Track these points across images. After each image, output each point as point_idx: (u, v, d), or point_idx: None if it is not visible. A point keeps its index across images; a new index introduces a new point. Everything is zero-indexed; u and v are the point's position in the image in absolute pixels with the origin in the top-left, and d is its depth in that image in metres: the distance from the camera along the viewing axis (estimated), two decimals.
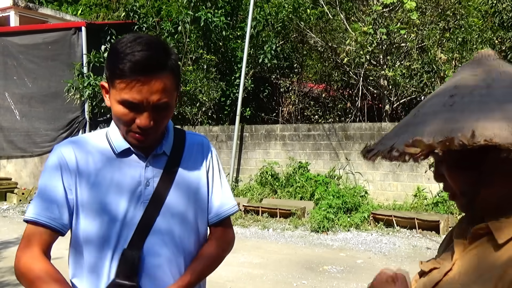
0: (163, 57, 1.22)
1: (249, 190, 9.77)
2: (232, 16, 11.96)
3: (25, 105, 12.03)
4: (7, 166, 12.37)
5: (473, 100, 0.84)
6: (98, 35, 11.73)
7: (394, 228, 7.60)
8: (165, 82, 1.22)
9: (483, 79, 0.87)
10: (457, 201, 0.95)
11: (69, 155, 1.32)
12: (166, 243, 1.32)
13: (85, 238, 1.29)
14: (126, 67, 1.17)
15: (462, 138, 0.77)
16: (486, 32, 8.44)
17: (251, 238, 7.33)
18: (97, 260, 1.29)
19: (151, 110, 1.22)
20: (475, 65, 0.93)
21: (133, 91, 1.19)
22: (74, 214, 1.30)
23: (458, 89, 0.88)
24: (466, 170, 0.89)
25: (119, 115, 1.23)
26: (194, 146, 1.45)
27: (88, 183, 1.30)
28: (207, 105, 11.07)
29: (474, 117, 0.80)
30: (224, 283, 5.04)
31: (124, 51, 1.19)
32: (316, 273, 5.48)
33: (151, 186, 1.33)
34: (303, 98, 11.76)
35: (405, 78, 9.03)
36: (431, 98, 0.92)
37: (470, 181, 0.89)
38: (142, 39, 1.21)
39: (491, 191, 0.88)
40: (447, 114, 0.83)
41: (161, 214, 1.32)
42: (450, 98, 0.86)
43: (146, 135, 1.27)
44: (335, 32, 10.68)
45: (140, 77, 1.18)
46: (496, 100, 0.82)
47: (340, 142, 9.40)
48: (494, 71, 0.89)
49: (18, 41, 12.03)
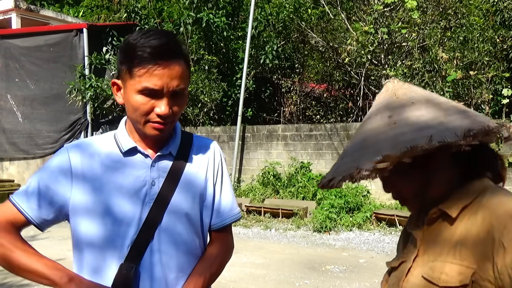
0: (178, 44, 1.27)
1: (251, 190, 9.78)
2: (233, 17, 11.97)
3: (27, 107, 12.06)
4: (10, 168, 12.41)
5: (409, 118, 0.99)
6: (99, 36, 11.76)
7: (397, 228, 7.59)
8: (182, 68, 1.26)
9: (405, 98, 1.04)
10: (409, 204, 1.09)
11: (75, 159, 1.33)
12: (170, 243, 1.33)
13: (89, 241, 1.30)
14: (145, 53, 1.20)
15: (424, 144, 0.91)
16: (487, 31, 8.43)
17: (253, 239, 7.34)
18: (101, 261, 1.29)
19: (170, 97, 1.25)
20: (386, 98, 1.08)
21: (154, 76, 1.21)
22: (76, 217, 1.31)
23: (392, 111, 1.03)
24: (414, 174, 1.03)
25: (138, 105, 1.25)
26: (202, 149, 1.46)
27: (92, 186, 1.31)
28: (209, 106, 11.08)
29: (418, 126, 0.95)
30: (226, 284, 5.04)
31: (140, 41, 1.22)
32: (318, 273, 5.48)
33: (157, 186, 1.34)
34: (305, 98, 11.76)
35: (406, 77, 9.01)
36: (367, 127, 1.05)
37: (420, 181, 1.03)
38: (155, 31, 1.26)
39: (439, 182, 1.03)
40: (396, 131, 0.97)
41: (166, 214, 1.33)
42: (390, 119, 1.01)
43: (165, 123, 1.28)
44: (336, 32, 10.68)
45: (161, 61, 1.21)
46: (434, 117, 0.98)
47: (342, 142, 9.39)
48: (406, 92, 1.06)
49: (20, 43, 12.06)
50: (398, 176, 1.03)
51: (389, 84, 1.10)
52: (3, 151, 12.31)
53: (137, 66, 1.21)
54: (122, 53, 1.27)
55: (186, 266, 1.36)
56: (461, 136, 0.92)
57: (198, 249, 1.41)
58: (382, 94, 1.10)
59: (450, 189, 1.04)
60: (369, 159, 0.95)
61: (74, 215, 1.32)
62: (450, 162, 1.03)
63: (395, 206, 8.47)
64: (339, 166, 1.04)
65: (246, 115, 11.18)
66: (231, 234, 1.52)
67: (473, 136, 0.92)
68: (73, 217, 1.32)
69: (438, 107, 1.00)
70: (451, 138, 0.91)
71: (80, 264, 1.33)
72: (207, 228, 1.45)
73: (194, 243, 1.39)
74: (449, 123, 0.95)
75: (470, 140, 0.91)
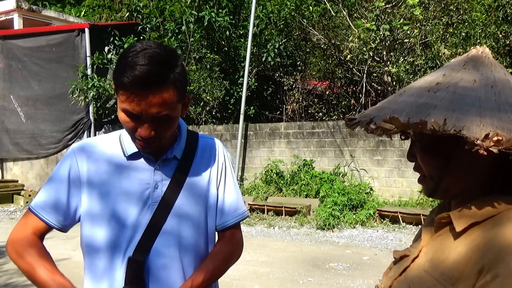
0: (165, 72, 1.22)
1: (254, 188, 9.79)
2: (234, 15, 11.96)
3: (30, 107, 12.09)
4: (14, 168, 12.45)
5: (456, 91, 0.88)
6: (101, 36, 11.77)
7: (400, 225, 7.59)
8: (164, 96, 1.21)
9: (475, 76, 0.91)
10: (424, 184, 1.00)
11: (82, 165, 1.37)
12: (175, 246, 1.34)
13: (96, 245, 1.32)
14: (126, 81, 1.19)
15: (434, 124, 0.81)
16: (489, 27, 8.40)
17: (257, 237, 7.35)
18: (108, 266, 1.31)
19: (152, 121, 1.24)
20: (469, 61, 0.96)
21: (133, 103, 1.21)
22: (85, 222, 1.35)
23: (446, 77, 0.92)
24: (436, 156, 0.94)
25: (123, 122, 1.27)
26: (206, 149, 1.47)
27: (98, 192, 1.34)
28: (211, 104, 11.08)
29: (451, 107, 0.84)
30: (230, 282, 5.06)
31: (128, 63, 1.20)
32: (322, 270, 5.49)
33: (160, 189, 1.35)
34: (307, 95, 11.75)
35: (408, 74, 9.00)
36: (421, 81, 0.96)
37: (438, 167, 0.94)
38: (147, 52, 1.21)
39: (454, 180, 0.93)
40: (428, 99, 0.87)
41: (170, 217, 1.34)
42: (436, 85, 0.90)
43: (149, 144, 1.28)
44: (338, 29, 10.66)
45: (138, 91, 1.19)
46: (478, 98, 0.86)
47: (345, 139, 9.39)
48: (487, 72, 0.92)
49: (22, 44, 12.08)
50: (423, 149, 0.96)
51: (489, 53, 0.96)
52: (6, 151, 12.35)
53: (120, 89, 1.22)
54: (115, 68, 1.28)
55: (190, 269, 1.37)
56: (480, 137, 0.79)
57: (203, 251, 1.42)
58: (473, 53, 0.97)
59: (468, 197, 0.92)
60: (385, 115, 0.89)
61: (84, 220, 1.35)
62: (483, 165, 0.90)
63: (398, 203, 8.47)
64: (370, 109, 0.98)
65: (249, 113, 11.18)
66: (239, 232, 1.52)
67: (496, 142, 0.78)
68: (83, 222, 1.36)
69: (497, 97, 0.86)
70: (468, 132, 0.79)
71: (90, 269, 1.36)
72: (213, 230, 1.46)
73: (198, 245, 1.40)
74: (482, 117, 0.82)
75: (490, 145, 0.78)
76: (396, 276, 1.02)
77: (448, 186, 0.95)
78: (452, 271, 0.86)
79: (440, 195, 0.97)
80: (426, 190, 1.00)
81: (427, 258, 0.95)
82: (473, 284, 0.81)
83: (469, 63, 0.95)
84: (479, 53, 0.97)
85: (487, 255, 0.81)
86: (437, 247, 0.94)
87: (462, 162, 0.91)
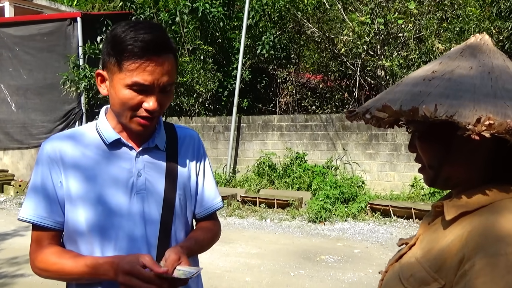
0: (168, 38, 1.23)
1: (247, 181, 9.79)
2: (229, 6, 11.88)
3: (21, 96, 11.97)
4: (4, 158, 12.34)
5: (451, 78, 0.87)
6: (93, 26, 11.64)
7: (391, 218, 7.63)
8: (172, 63, 1.23)
9: (472, 63, 0.90)
10: (424, 174, 1.00)
11: (61, 149, 1.31)
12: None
13: (82, 230, 1.28)
14: (136, 47, 1.16)
15: (426, 110, 0.81)
16: (483, 22, 8.42)
17: (248, 229, 7.36)
18: (94, 251, 1.28)
19: (159, 92, 1.23)
20: (467, 49, 0.96)
21: (146, 72, 1.18)
22: (68, 207, 1.29)
23: (442, 65, 0.92)
24: (434, 144, 0.94)
25: (126, 99, 1.22)
26: (185, 139, 1.46)
27: (83, 177, 1.29)
28: (204, 96, 11.04)
29: (445, 93, 0.84)
30: (221, 273, 5.06)
31: (129, 33, 1.18)
32: (313, 263, 5.51)
33: (143, 177, 1.33)
34: (301, 88, 11.75)
35: (402, 68, 9.02)
36: (419, 70, 0.97)
37: (437, 156, 0.94)
38: (144, 23, 1.22)
39: (454, 169, 0.93)
40: (423, 88, 0.87)
41: (156, 205, 1.33)
42: (432, 74, 0.90)
43: (151, 120, 1.26)
44: (332, 22, 10.64)
45: (153, 57, 1.18)
46: (473, 85, 0.85)
47: (338, 132, 9.40)
48: (485, 59, 0.92)
49: (13, 32, 11.93)
50: (420, 138, 0.96)
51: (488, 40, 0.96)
52: None
53: (128, 60, 1.17)
54: (110, 45, 1.23)
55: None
56: (472, 121, 0.78)
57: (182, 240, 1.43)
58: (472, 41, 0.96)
59: (473, 181, 0.92)
60: (379, 104, 0.90)
61: (66, 204, 1.30)
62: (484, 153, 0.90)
63: (390, 197, 8.51)
64: (369, 100, 0.99)
65: (242, 105, 11.15)
66: (217, 220, 1.56)
67: (488, 127, 0.77)
68: (66, 207, 1.30)
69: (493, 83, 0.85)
70: (460, 118, 0.79)
71: None
72: (192, 217, 1.48)
73: (181, 233, 1.40)
74: (476, 103, 0.81)
75: (481, 130, 0.78)
76: (392, 262, 1.04)
77: (448, 175, 0.95)
78: (437, 258, 0.88)
79: (440, 184, 0.98)
80: (427, 180, 1.01)
81: (420, 246, 0.97)
82: (455, 273, 0.83)
83: (466, 51, 0.95)
84: (477, 40, 0.96)
85: (469, 244, 0.82)
86: (430, 235, 0.96)
87: (462, 151, 0.91)
